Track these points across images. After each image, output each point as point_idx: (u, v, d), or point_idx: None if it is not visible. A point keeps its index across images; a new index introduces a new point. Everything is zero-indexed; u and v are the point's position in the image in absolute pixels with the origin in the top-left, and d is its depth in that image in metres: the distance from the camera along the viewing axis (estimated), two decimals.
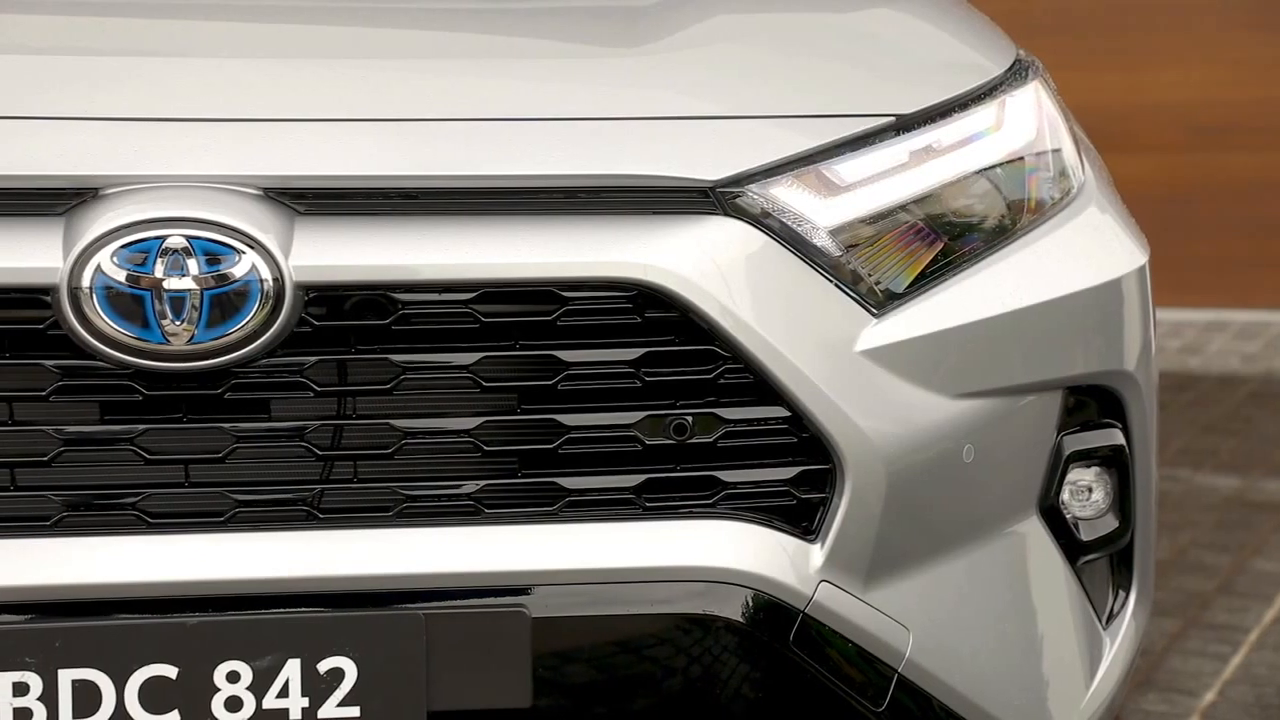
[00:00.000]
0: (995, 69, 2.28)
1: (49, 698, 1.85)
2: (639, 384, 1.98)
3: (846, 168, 2.08)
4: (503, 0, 2.28)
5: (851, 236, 2.07)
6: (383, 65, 2.08)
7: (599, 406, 1.97)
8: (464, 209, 1.94)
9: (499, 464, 1.96)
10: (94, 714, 1.86)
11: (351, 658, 1.90)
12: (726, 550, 1.99)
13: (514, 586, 1.94)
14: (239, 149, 1.92)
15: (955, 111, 2.18)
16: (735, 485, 2.01)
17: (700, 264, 1.96)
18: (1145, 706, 3.42)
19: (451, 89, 2.02)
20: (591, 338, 1.96)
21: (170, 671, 1.87)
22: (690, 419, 1.99)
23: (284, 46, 2.12)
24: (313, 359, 1.91)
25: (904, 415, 2.06)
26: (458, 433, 1.94)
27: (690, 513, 2.00)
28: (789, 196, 2.04)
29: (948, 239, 2.14)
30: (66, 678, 1.86)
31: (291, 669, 1.89)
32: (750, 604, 1.99)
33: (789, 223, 2.03)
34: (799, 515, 2.04)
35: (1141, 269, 2.32)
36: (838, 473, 2.02)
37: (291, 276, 1.89)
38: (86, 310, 1.86)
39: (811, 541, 2.03)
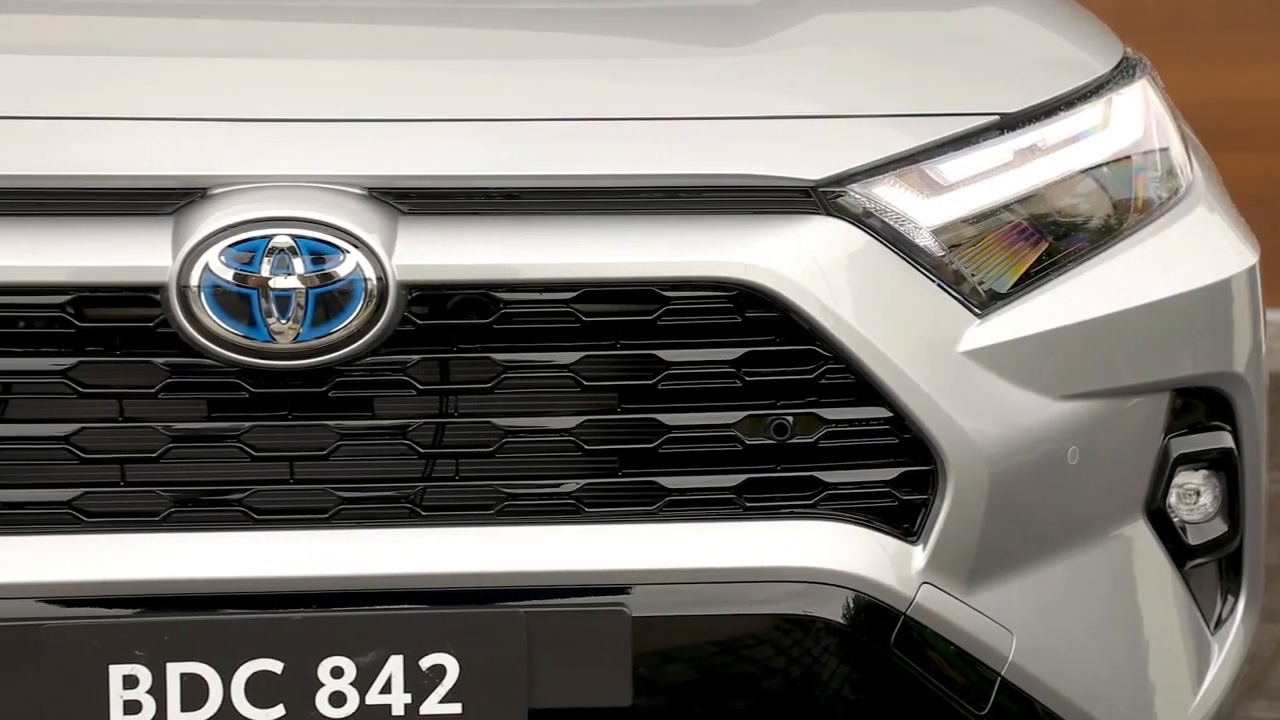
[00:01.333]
0: (1101, 67, 2.26)
1: (158, 690, 1.88)
2: (739, 384, 1.98)
3: (949, 167, 2.07)
4: (603, 0, 2.29)
5: (954, 236, 2.06)
6: (485, 65, 2.09)
7: (699, 406, 1.97)
8: (566, 208, 1.95)
9: (599, 463, 1.97)
10: (201, 707, 1.89)
11: (453, 655, 1.91)
12: (827, 551, 1.99)
13: (614, 585, 1.94)
14: (344, 149, 1.94)
15: (1060, 110, 2.16)
16: (836, 486, 2.00)
17: (801, 264, 1.96)
18: (1254, 714, 3.38)
19: (553, 89, 2.03)
20: (692, 337, 1.96)
21: (276, 666, 1.89)
22: (791, 419, 1.99)
23: (388, 47, 2.14)
24: (415, 357, 1.93)
25: (1007, 416, 2.04)
26: (558, 431, 1.95)
27: (791, 513, 1.99)
28: (891, 196, 2.03)
29: (1052, 239, 2.12)
30: (175, 671, 1.88)
31: (394, 665, 1.90)
32: (851, 605, 1.99)
33: (891, 222, 2.02)
34: (900, 516, 2.03)
35: (1251, 269, 2.29)
36: (940, 474, 2.01)
37: (395, 276, 1.90)
38: (195, 309, 1.88)
39: (913, 543, 2.02)
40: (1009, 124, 2.12)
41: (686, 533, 1.97)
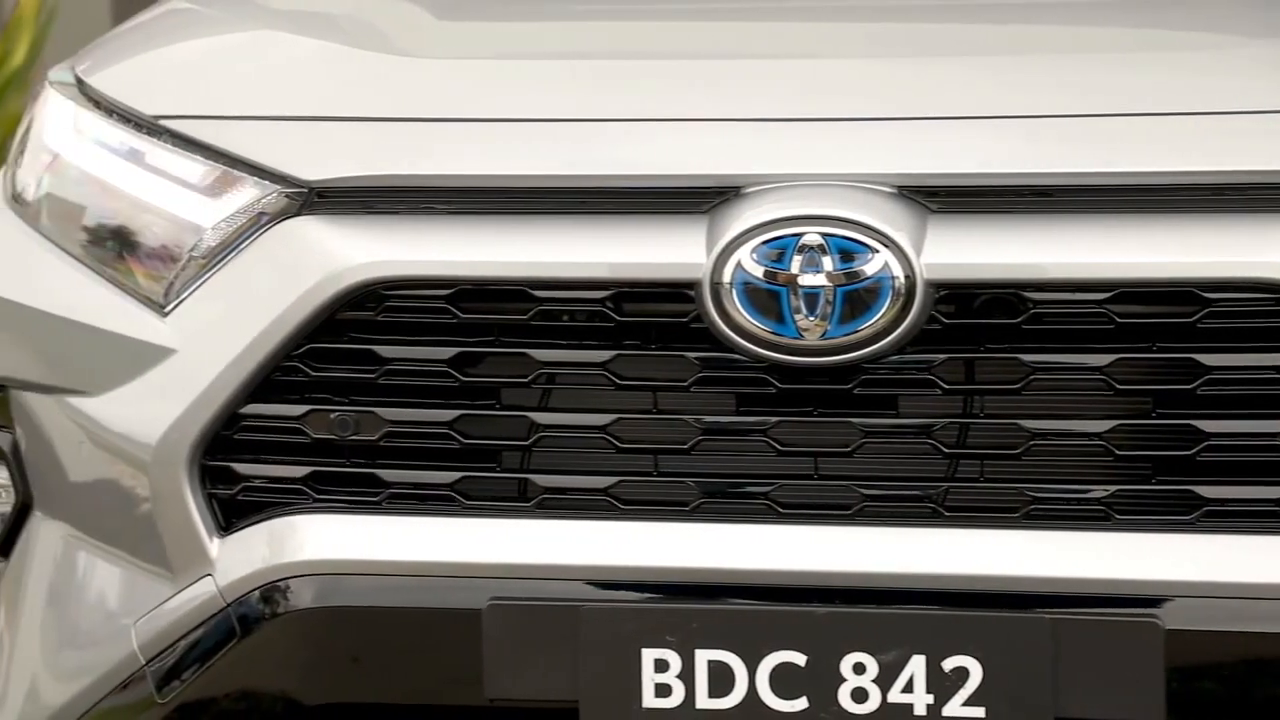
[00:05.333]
0: None
1: (687, 675, 1.93)
2: None
3: None
4: None
5: None
6: (1013, 61, 2.05)
7: (1243, 413, 1.88)
8: (1099, 206, 1.90)
9: (1131, 469, 1.91)
10: (727, 695, 1.93)
11: (976, 658, 1.88)
12: None
13: (1146, 597, 1.88)
14: (873, 148, 1.95)
15: None
16: None
17: None
18: None
19: (1085, 84, 1.98)
20: (1236, 341, 1.88)
21: (799, 659, 1.92)
22: None
23: (914, 45, 2.13)
24: (940, 357, 1.92)
25: None
26: (1088, 435, 1.90)
27: None
28: None
29: None
30: (703, 658, 1.93)
31: (916, 665, 1.90)
32: None
33: None
34: None
35: None
36: None
37: (922, 274, 1.89)
38: (726, 305, 1.93)
39: None
40: None
41: (1228, 545, 1.89)
